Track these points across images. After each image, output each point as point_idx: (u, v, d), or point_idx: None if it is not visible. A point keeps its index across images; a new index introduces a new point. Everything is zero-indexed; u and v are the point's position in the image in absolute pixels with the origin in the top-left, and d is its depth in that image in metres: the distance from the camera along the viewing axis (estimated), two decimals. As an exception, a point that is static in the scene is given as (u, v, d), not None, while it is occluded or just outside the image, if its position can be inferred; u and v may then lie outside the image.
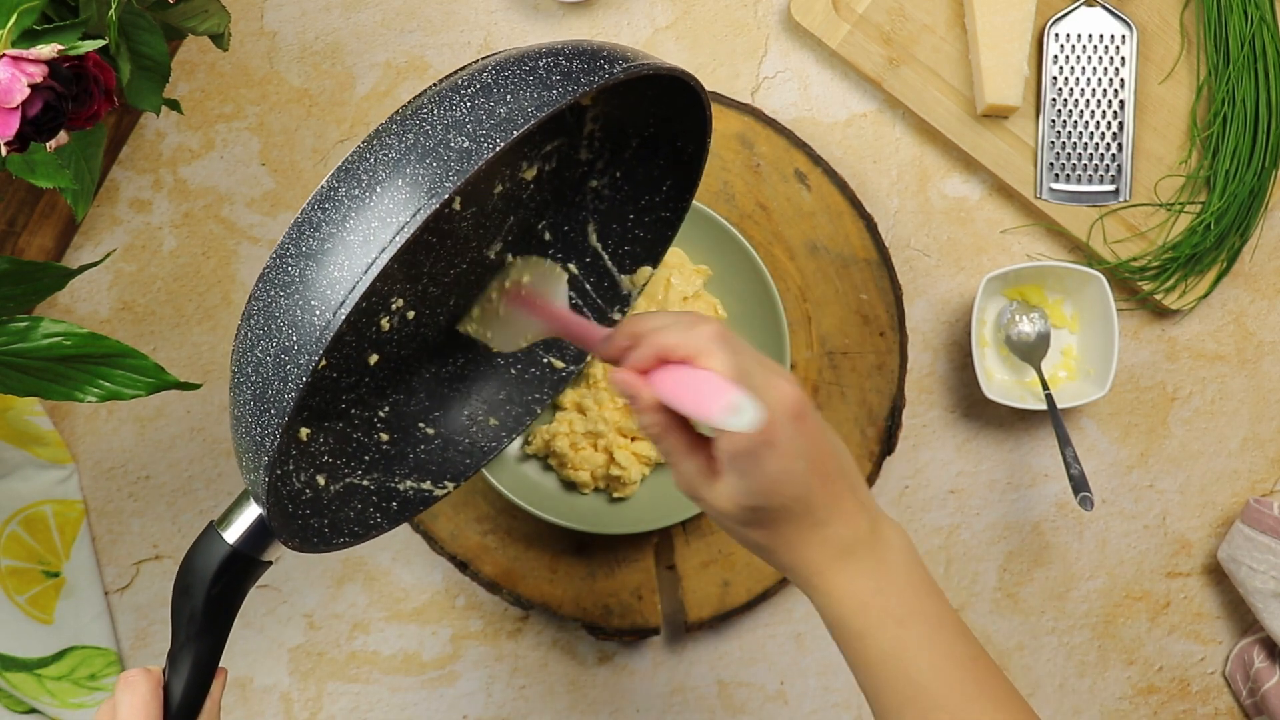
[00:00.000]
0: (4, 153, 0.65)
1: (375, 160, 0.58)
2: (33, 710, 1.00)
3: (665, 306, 0.95)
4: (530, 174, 0.78)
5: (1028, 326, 1.01)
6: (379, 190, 0.57)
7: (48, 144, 0.67)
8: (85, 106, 0.67)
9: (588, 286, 0.86)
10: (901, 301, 1.00)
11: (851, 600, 0.66)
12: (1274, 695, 1.01)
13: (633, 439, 0.97)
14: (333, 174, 0.59)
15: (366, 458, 0.80)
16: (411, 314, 0.79)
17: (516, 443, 0.98)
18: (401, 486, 0.80)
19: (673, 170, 0.80)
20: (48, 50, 0.64)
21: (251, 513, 0.67)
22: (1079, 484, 0.95)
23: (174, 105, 0.83)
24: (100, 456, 1.01)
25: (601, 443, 0.96)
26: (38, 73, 0.63)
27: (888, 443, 1.00)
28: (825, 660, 1.04)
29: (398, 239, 0.56)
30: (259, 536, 0.67)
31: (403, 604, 1.02)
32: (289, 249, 0.59)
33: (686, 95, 0.72)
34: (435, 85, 0.61)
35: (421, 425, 0.84)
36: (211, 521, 0.68)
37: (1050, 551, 1.04)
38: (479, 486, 0.99)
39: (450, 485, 0.82)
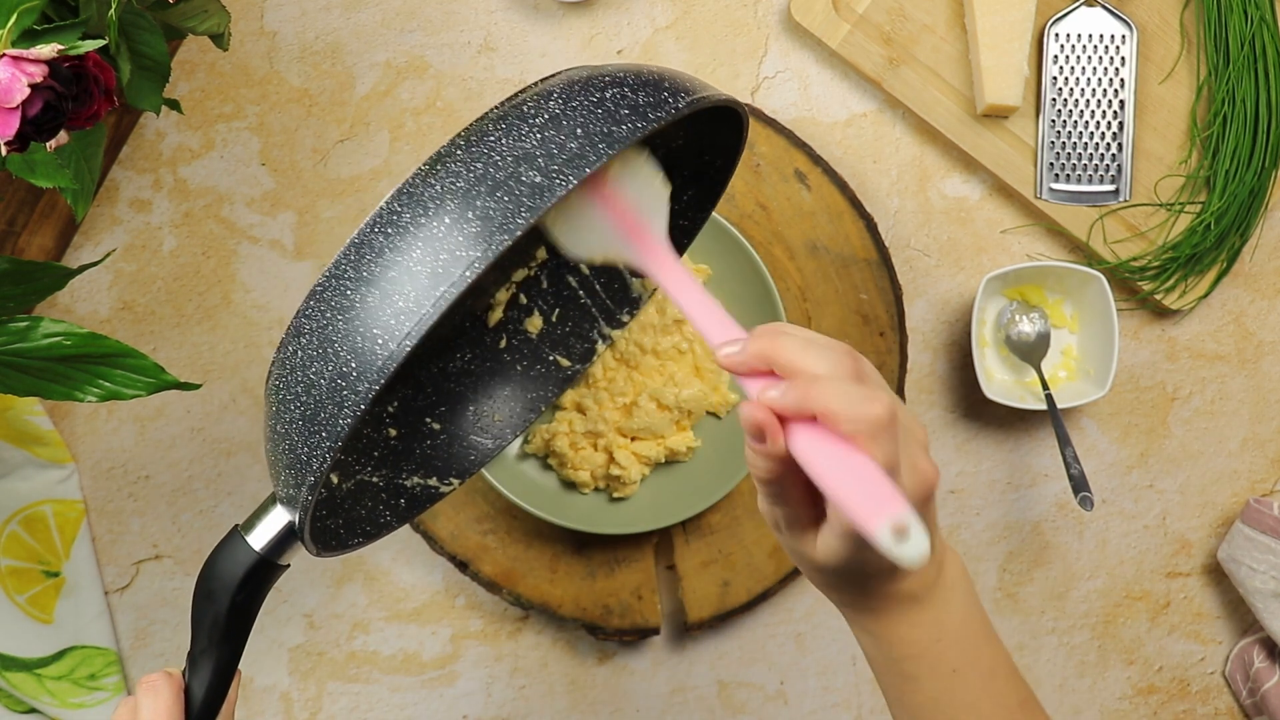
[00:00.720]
0: (4, 152, 0.65)
1: (442, 188, 0.57)
2: (33, 710, 1.00)
3: (664, 306, 0.95)
4: None
5: (1028, 326, 1.01)
6: (448, 221, 0.57)
7: (48, 144, 0.67)
8: (85, 106, 0.67)
9: (598, 286, 0.86)
10: (901, 301, 1.00)
11: (908, 647, 0.63)
12: (1274, 695, 1.01)
13: (633, 439, 0.96)
14: (394, 197, 0.58)
15: (375, 454, 0.80)
16: None
17: (516, 441, 0.98)
18: (409, 483, 0.80)
19: (696, 181, 0.80)
20: (48, 50, 0.64)
21: (277, 519, 0.66)
22: (1079, 484, 0.95)
23: (174, 105, 0.83)
24: (100, 456, 1.01)
25: (601, 443, 0.96)
26: (38, 73, 0.63)
27: (888, 443, 1.00)
28: (825, 660, 1.04)
29: (468, 275, 0.56)
30: (283, 543, 0.67)
31: (403, 604, 1.02)
32: (346, 270, 0.58)
33: (727, 117, 0.72)
34: (498, 109, 0.60)
35: (428, 420, 0.84)
36: (236, 527, 0.67)
37: (1050, 551, 1.04)
38: (479, 486, 0.99)
39: (456, 481, 0.82)
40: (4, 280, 0.77)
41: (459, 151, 0.59)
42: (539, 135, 0.58)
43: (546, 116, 0.59)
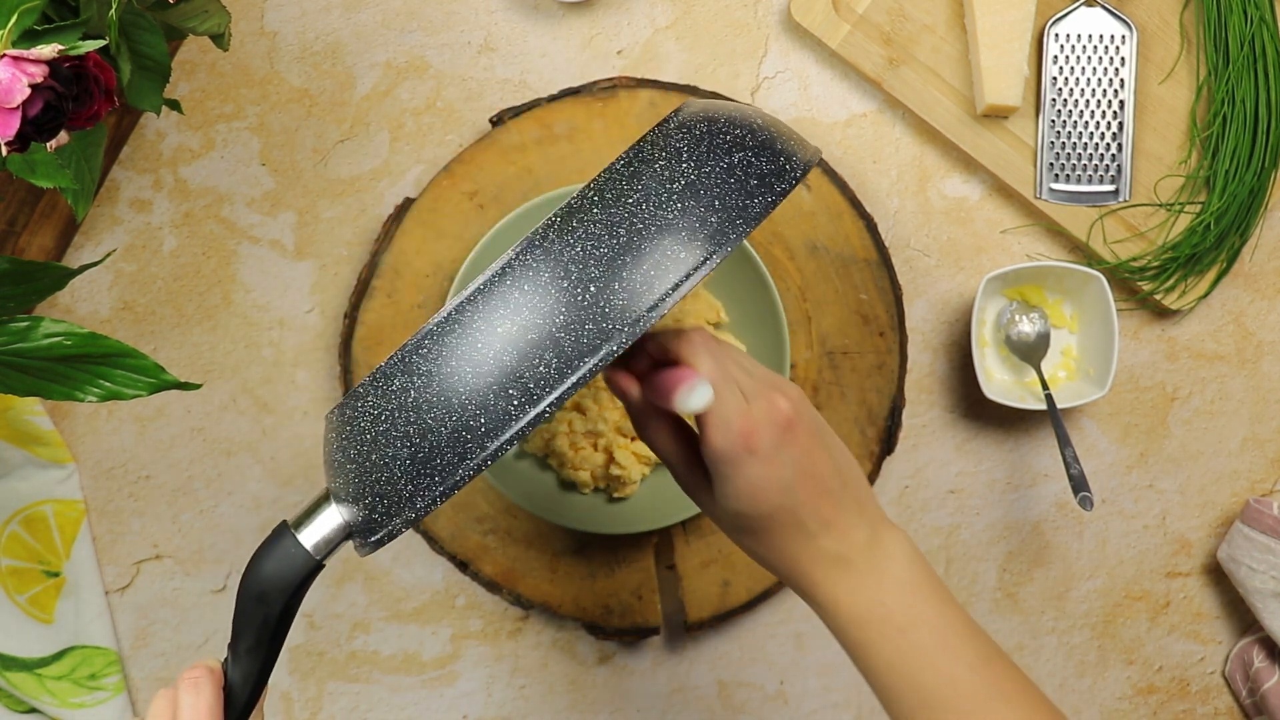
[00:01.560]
0: (4, 153, 0.65)
1: (584, 251, 0.57)
2: (33, 710, 1.00)
3: None
4: None
5: (1027, 326, 1.01)
6: (593, 290, 0.57)
7: (48, 144, 0.67)
8: (85, 106, 0.67)
9: None
10: (901, 301, 1.00)
11: (849, 611, 0.67)
12: (1274, 695, 1.01)
13: (633, 439, 0.97)
14: (527, 249, 0.58)
15: None
16: None
17: (509, 454, 0.98)
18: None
19: None
20: (48, 50, 0.64)
21: (330, 520, 0.65)
22: (1079, 484, 0.95)
23: (174, 105, 0.83)
24: (100, 456, 1.01)
25: (601, 442, 0.96)
26: (38, 73, 0.63)
27: (887, 443, 1.00)
28: (825, 660, 1.04)
29: (615, 350, 0.56)
30: (337, 544, 0.66)
31: (403, 604, 1.02)
32: (474, 320, 0.57)
33: None
34: (628, 163, 0.60)
35: None
36: (286, 525, 0.66)
37: (1050, 551, 1.04)
38: (479, 486, 0.99)
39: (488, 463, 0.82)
40: (4, 280, 0.77)
41: (596, 210, 0.58)
42: (679, 205, 0.58)
43: (683, 183, 0.59)
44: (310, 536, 0.65)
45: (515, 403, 0.56)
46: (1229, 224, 1.00)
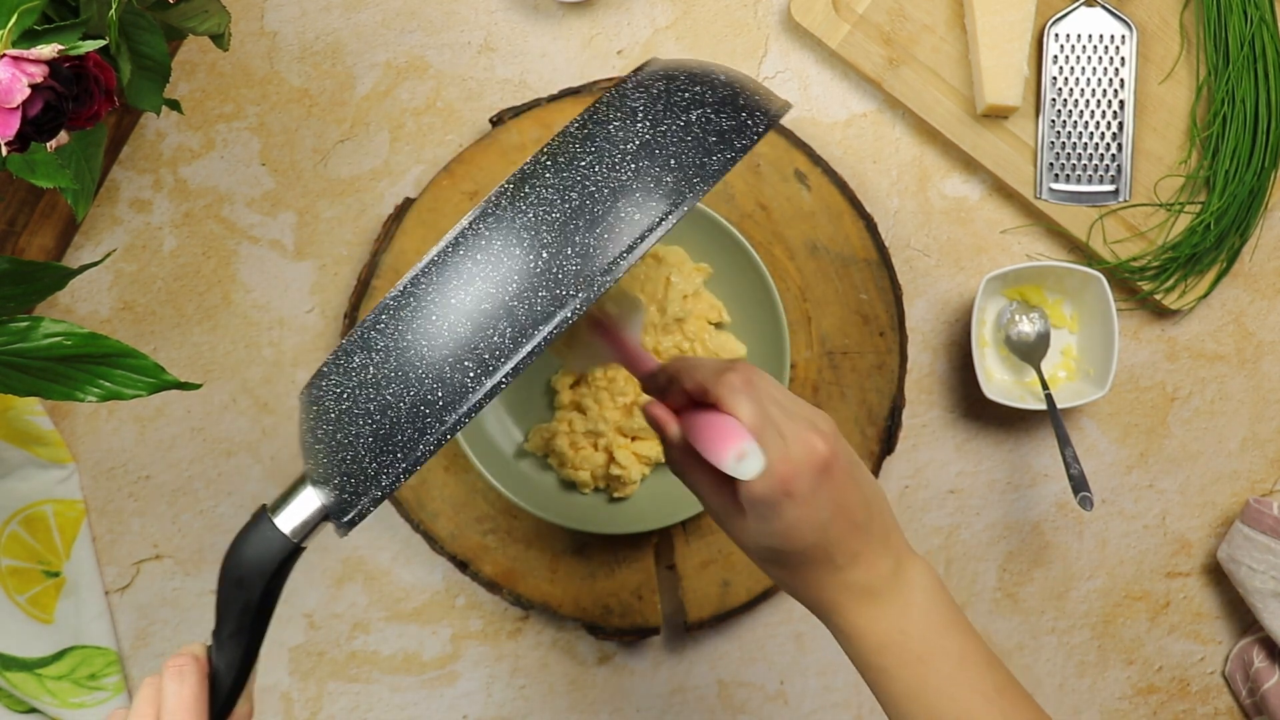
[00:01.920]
0: (4, 153, 0.65)
1: (535, 217, 0.56)
2: (33, 710, 1.00)
3: (665, 305, 0.95)
4: None
5: (1027, 326, 1.01)
6: (545, 256, 0.55)
7: (48, 144, 0.67)
8: (85, 106, 0.67)
9: None
10: (901, 301, 1.00)
11: (872, 639, 0.68)
12: (1274, 695, 1.01)
13: (633, 439, 0.97)
14: (479, 218, 0.57)
15: None
16: None
17: (514, 439, 0.98)
18: None
19: None
20: (48, 50, 0.64)
21: (309, 502, 0.65)
22: (1079, 484, 0.95)
23: (174, 105, 0.83)
24: (100, 456, 1.01)
25: (601, 442, 0.96)
26: (38, 73, 0.63)
27: (887, 443, 1.00)
28: (825, 660, 1.04)
29: (570, 317, 0.55)
30: (314, 527, 0.66)
31: (403, 604, 1.02)
32: (429, 292, 0.57)
33: None
34: (581, 125, 0.59)
35: None
36: (264, 509, 0.66)
37: (1050, 551, 1.04)
38: (479, 486, 0.99)
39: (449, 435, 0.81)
40: (4, 280, 0.77)
41: (548, 175, 0.57)
42: (633, 166, 0.57)
43: (637, 143, 0.58)
44: (288, 520, 0.65)
45: (471, 375, 0.55)
46: (1229, 224, 1.00)
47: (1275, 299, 1.04)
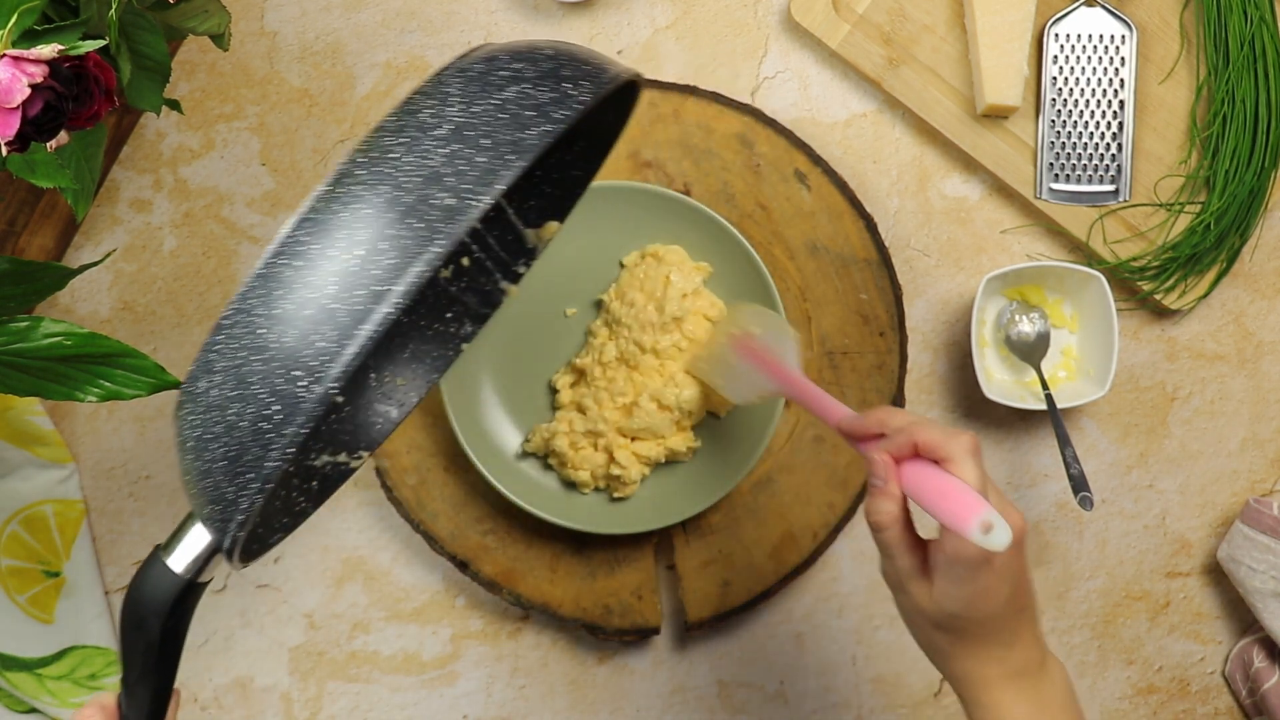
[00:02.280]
0: (4, 153, 0.65)
1: (350, 215, 0.55)
2: (33, 710, 1.00)
3: (663, 304, 0.95)
4: None
5: (1027, 326, 1.01)
6: (361, 254, 0.54)
7: (48, 144, 0.67)
8: (85, 106, 0.67)
9: (491, 240, 0.83)
10: (901, 301, 1.00)
11: (1010, 718, 0.71)
12: (1274, 695, 1.01)
13: (633, 439, 0.97)
14: (297, 223, 0.56)
15: None
16: None
17: (514, 440, 0.98)
18: (318, 463, 0.78)
19: (588, 132, 0.78)
20: (48, 50, 0.64)
21: (198, 540, 0.65)
22: (1079, 484, 0.95)
23: (174, 105, 0.83)
24: (100, 456, 1.01)
25: (601, 442, 0.96)
26: (38, 73, 0.63)
27: (888, 443, 1.00)
28: (825, 660, 1.04)
29: (390, 313, 0.54)
30: (206, 563, 0.65)
31: (403, 604, 1.02)
32: (256, 306, 0.55)
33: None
34: (395, 118, 0.58)
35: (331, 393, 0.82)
36: (157, 550, 0.66)
37: (1050, 551, 1.04)
38: (479, 487, 0.99)
39: (364, 454, 0.80)
40: (4, 280, 0.77)
41: (360, 171, 0.56)
42: (444, 151, 0.56)
43: (450, 128, 0.56)
44: (180, 558, 0.65)
45: (302, 384, 0.54)
46: (1229, 224, 1.00)
47: (1275, 299, 1.04)
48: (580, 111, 0.59)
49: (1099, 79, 1.00)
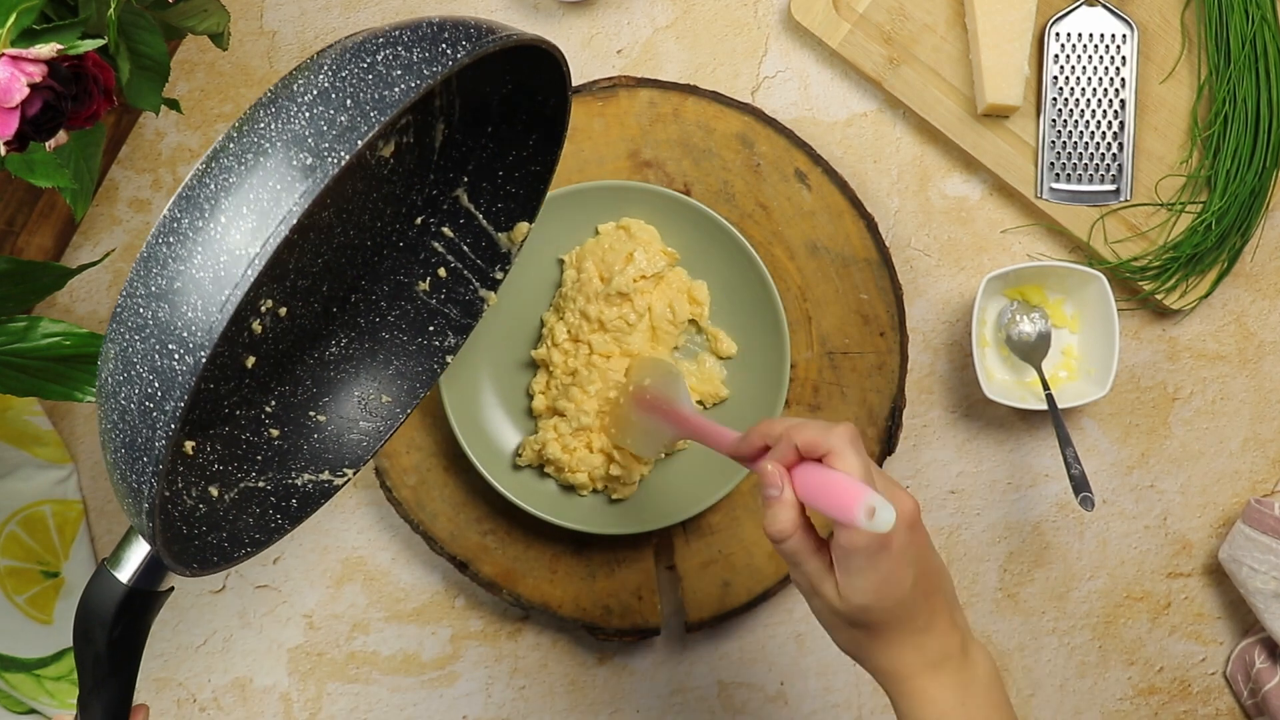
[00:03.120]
0: (3, 152, 0.65)
1: (216, 186, 0.56)
2: (32, 710, 1.00)
3: (610, 276, 0.93)
4: (388, 150, 0.76)
5: (1028, 326, 1.01)
6: (223, 221, 0.55)
7: (47, 143, 0.67)
8: (84, 106, 0.67)
9: (465, 248, 0.84)
10: (902, 301, 1.00)
11: (935, 707, 0.71)
12: (1275, 696, 1.01)
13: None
14: (173, 202, 0.57)
15: (259, 457, 0.78)
16: (284, 310, 0.77)
17: (514, 440, 0.98)
18: (299, 481, 0.78)
19: (537, 124, 0.78)
20: (47, 50, 0.64)
21: (142, 548, 0.65)
22: (1079, 484, 0.95)
23: (173, 105, 0.83)
24: (99, 457, 1.01)
25: (593, 438, 0.95)
26: (37, 72, 0.63)
27: (888, 443, 1.00)
28: (825, 660, 1.04)
29: (249, 274, 0.54)
30: (154, 571, 0.65)
31: (402, 604, 1.02)
32: (138, 288, 0.56)
33: (540, 54, 0.70)
34: (271, 90, 0.59)
35: (312, 414, 0.81)
36: (103, 561, 0.65)
37: (1051, 552, 1.04)
38: (478, 487, 0.99)
39: (350, 471, 0.80)
40: (3, 280, 0.77)
41: (230, 144, 0.57)
42: (307, 114, 0.56)
43: (316, 92, 0.57)
44: (125, 567, 0.65)
45: (176, 356, 0.55)
46: (1230, 224, 1.00)
47: (1276, 299, 1.04)
48: (451, 68, 0.59)
49: (1100, 78, 1.00)
